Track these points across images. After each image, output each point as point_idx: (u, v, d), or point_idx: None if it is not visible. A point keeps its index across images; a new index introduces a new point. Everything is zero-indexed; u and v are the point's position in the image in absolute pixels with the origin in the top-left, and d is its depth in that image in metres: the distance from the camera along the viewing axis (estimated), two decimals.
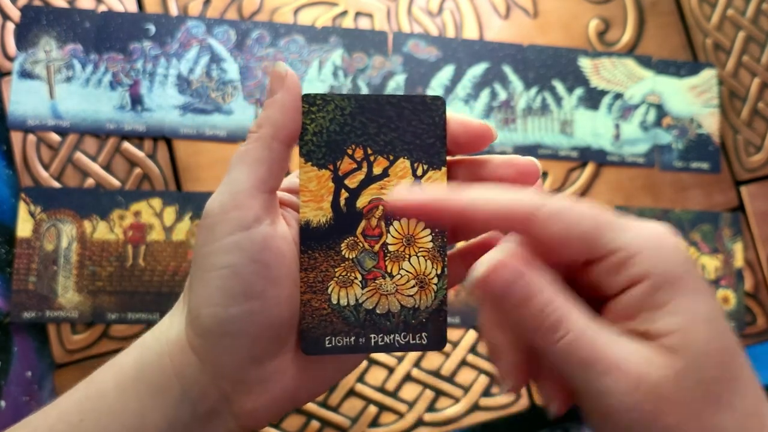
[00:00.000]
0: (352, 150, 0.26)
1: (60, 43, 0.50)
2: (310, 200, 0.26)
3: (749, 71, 0.57)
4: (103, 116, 0.50)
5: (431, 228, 0.26)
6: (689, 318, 0.20)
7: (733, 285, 0.54)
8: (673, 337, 0.20)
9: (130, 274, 0.48)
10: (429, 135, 0.26)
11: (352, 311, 0.26)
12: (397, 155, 0.26)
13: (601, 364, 0.20)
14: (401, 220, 0.26)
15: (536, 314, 0.21)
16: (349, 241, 0.26)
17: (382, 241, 0.26)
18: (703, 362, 0.20)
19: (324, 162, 0.26)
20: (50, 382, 0.48)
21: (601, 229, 0.21)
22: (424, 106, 0.26)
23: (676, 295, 0.20)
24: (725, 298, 0.53)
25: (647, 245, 0.20)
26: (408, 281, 0.26)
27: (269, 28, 0.52)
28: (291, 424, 0.49)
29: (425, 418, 0.50)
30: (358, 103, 0.26)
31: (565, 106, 0.54)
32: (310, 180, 0.26)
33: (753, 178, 0.56)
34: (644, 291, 0.20)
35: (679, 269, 0.20)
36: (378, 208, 0.26)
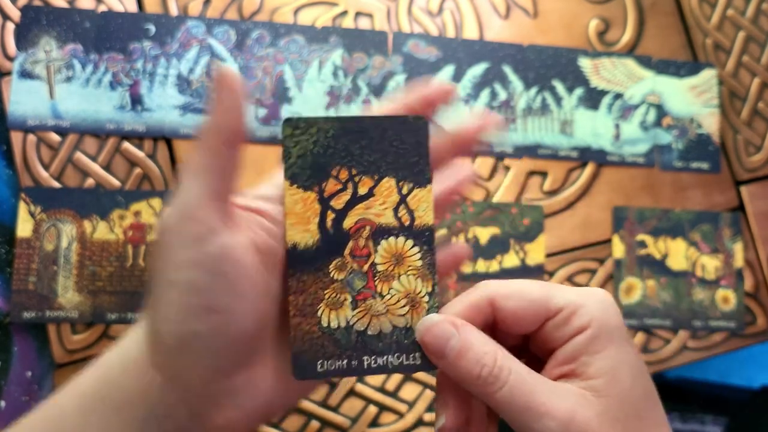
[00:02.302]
0: (336, 171, 0.26)
1: (60, 43, 0.50)
2: (297, 222, 0.25)
3: (749, 71, 0.57)
4: (103, 116, 0.50)
5: (419, 246, 0.26)
6: (616, 365, 0.23)
7: (733, 285, 0.54)
8: (601, 380, 0.23)
9: (130, 274, 0.48)
10: (413, 154, 0.26)
11: (343, 333, 0.25)
12: (382, 175, 0.26)
13: (537, 409, 0.23)
14: (389, 239, 0.26)
15: (474, 365, 0.23)
16: (337, 263, 0.26)
17: (370, 261, 0.26)
18: (624, 403, 0.23)
19: (309, 184, 0.25)
20: (50, 382, 0.48)
21: (549, 295, 0.25)
22: (406, 125, 0.26)
23: (609, 344, 0.24)
24: (725, 298, 0.53)
25: (589, 300, 0.24)
26: (398, 301, 0.26)
27: (269, 28, 0.52)
28: (291, 424, 0.49)
29: (425, 418, 0.50)
30: (341, 125, 0.26)
31: (565, 106, 0.54)
32: (296, 202, 0.25)
33: (753, 178, 0.56)
34: (585, 338, 0.24)
35: (614, 322, 0.24)
36: (365, 228, 0.26)
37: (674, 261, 0.53)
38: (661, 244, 0.53)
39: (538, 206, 0.53)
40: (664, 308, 0.53)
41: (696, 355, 0.53)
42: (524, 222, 0.52)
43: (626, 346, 0.24)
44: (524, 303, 0.25)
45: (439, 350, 0.24)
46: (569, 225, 0.54)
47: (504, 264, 0.52)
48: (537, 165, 0.54)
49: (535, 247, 0.52)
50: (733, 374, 0.92)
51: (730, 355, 0.54)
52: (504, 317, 0.25)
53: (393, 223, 0.26)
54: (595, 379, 0.23)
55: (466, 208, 0.52)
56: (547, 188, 0.54)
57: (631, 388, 0.23)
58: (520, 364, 0.24)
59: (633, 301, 0.52)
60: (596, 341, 0.24)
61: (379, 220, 0.26)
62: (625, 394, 0.23)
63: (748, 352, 0.45)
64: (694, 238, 0.54)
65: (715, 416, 0.82)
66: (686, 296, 0.53)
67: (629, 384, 0.23)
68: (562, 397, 0.23)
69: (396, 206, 0.26)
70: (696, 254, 0.54)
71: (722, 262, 0.54)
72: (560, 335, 0.24)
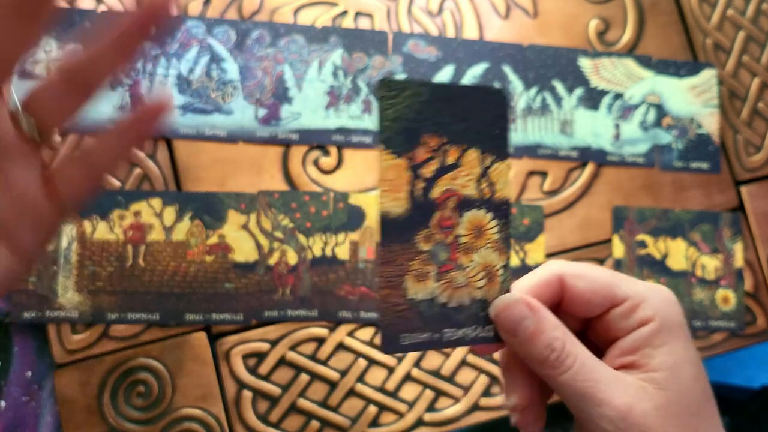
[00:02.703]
0: (427, 138, 0.25)
1: (60, 43, 0.50)
2: (389, 190, 0.25)
3: (749, 71, 0.57)
4: (103, 116, 0.50)
5: (497, 219, 0.26)
6: (679, 360, 0.24)
7: (733, 285, 0.54)
8: (663, 373, 0.24)
9: (130, 274, 0.48)
10: (495, 126, 0.26)
11: (428, 306, 0.26)
12: (469, 145, 0.26)
13: (597, 396, 0.23)
14: (472, 211, 0.26)
15: (543, 348, 0.24)
16: (425, 233, 0.25)
17: (455, 232, 0.26)
18: (684, 399, 0.24)
19: (401, 150, 0.25)
20: (50, 382, 0.48)
21: (617, 282, 0.25)
22: (489, 96, 0.26)
23: (672, 339, 0.24)
24: (725, 298, 0.53)
25: (654, 295, 0.25)
26: (477, 273, 0.26)
27: (269, 28, 0.52)
28: (291, 424, 0.49)
29: (425, 418, 0.50)
30: (433, 91, 0.25)
31: (565, 106, 0.54)
32: (389, 169, 0.25)
33: (753, 178, 0.56)
34: (649, 331, 0.24)
35: (677, 319, 0.25)
36: (451, 198, 0.26)
37: (674, 261, 0.53)
38: (661, 244, 0.53)
39: (538, 206, 0.53)
40: None
41: None
42: (524, 222, 0.52)
43: (688, 344, 0.25)
44: (593, 285, 0.25)
45: (512, 329, 0.25)
46: (569, 225, 0.54)
47: None
48: (537, 165, 0.54)
49: (535, 247, 0.52)
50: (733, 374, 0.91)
51: (730, 355, 0.54)
52: (572, 297, 0.26)
53: (476, 194, 0.26)
54: (657, 372, 0.24)
55: None
56: (547, 188, 0.54)
57: (691, 386, 0.24)
58: (586, 351, 0.25)
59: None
60: (659, 335, 0.24)
61: (464, 191, 0.26)
62: (685, 390, 0.24)
63: (748, 352, 0.45)
64: (694, 238, 0.54)
65: None
66: (686, 296, 0.53)
67: (690, 381, 0.24)
68: (622, 388, 0.23)
69: (479, 178, 0.26)
70: (696, 254, 0.54)
71: (722, 262, 0.54)
72: (624, 325, 0.25)
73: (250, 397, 0.49)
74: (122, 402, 0.48)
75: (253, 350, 0.49)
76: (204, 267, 0.49)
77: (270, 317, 0.49)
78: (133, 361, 0.48)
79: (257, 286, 0.49)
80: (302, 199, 0.50)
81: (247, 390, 0.49)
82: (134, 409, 0.48)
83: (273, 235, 0.50)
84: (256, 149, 0.51)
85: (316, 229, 0.50)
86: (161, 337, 0.48)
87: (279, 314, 0.49)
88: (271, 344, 0.49)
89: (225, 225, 0.49)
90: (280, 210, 0.50)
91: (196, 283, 0.49)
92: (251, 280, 0.49)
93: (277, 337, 0.49)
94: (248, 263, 0.49)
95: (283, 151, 0.51)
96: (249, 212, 0.50)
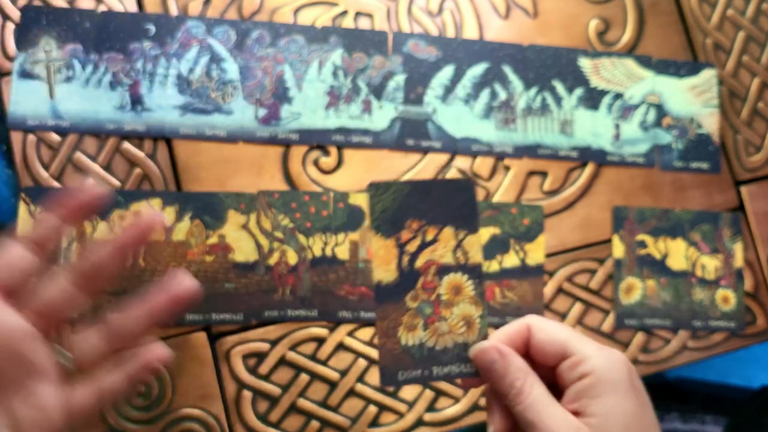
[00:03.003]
0: (409, 223, 0.33)
1: (60, 43, 0.50)
2: (380, 264, 0.32)
3: (749, 71, 0.57)
4: (103, 116, 0.50)
5: (472, 279, 0.33)
6: (610, 411, 0.29)
7: (733, 285, 0.54)
8: (594, 420, 0.29)
9: (130, 274, 0.48)
10: (464, 209, 0.33)
11: (418, 349, 0.33)
12: (444, 224, 0.33)
13: (539, 426, 0.29)
14: (450, 275, 0.33)
15: (507, 386, 0.30)
16: (411, 294, 0.33)
17: (436, 292, 0.33)
18: None
19: (389, 233, 0.32)
20: None
21: (571, 339, 0.31)
22: (459, 186, 0.33)
23: (607, 393, 0.29)
24: (725, 298, 0.53)
25: (599, 354, 0.30)
26: (458, 322, 0.33)
27: (269, 28, 0.52)
28: (291, 424, 0.49)
29: (425, 418, 0.50)
30: (412, 186, 0.33)
31: (565, 106, 0.54)
32: (380, 248, 0.32)
33: (753, 178, 0.56)
34: (587, 383, 0.29)
35: (616, 376, 0.29)
36: (432, 266, 0.33)
37: (674, 261, 0.53)
38: (661, 244, 0.53)
39: (538, 206, 0.53)
40: (664, 308, 0.53)
41: (696, 355, 0.53)
42: (524, 222, 0.52)
43: (626, 399, 0.29)
44: (551, 338, 0.31)
45: (486, 369, 0.32)
46: (569, 225, 0.54)
47: (504, 264, 0.52)
48: (537, 165, 0.54)
49: (535, 247, 0.52)
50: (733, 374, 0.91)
51: (730, 355, 0.54)
52: (533, 345, 0.32)
53: (452, 262, 0.33)
54: (591, 417, 0.29)
55: None
56: (547, 188, 0.54)
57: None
58: (543, 390, 0.30)
59: (633, 301, 0.52)
60: (595, 388, 0.29)
61: (442, 260, 0.33)
62: None
63: (748, 352, 0.45)
64: (694, 238, 0.54)
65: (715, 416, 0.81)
66: (686, 296, 0.53)
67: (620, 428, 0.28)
68: (563, 425, 0.29)
69: (454, 249, 0.33)
70: (696, 254, 0.54)
71: (722, 262, 0.54)
72: (569, 376, 0.30)
73: (250, 397, 0.49)
74: (122, 402, 0.48)
75: (253, 350, 0.49)
76: (204, 267, 0.49)
77: (270, 317, 0.49)
78: None
79: (257, 286, 0.49)
80: (302, 199, 0.50)
81: (247, 390, 0.49)
82: (134, 409, 0.48)
83: (273, 235, 0.50)
84: (256, 149, 0.51)
85: (316, 229, 0.50)
86: (161, 337, 0.48)
87: (279, 314, 0.49)
88: (271, 344, 0.49)
89: (225, 225, 0.49)
90: (280, 210, 0.50)
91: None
92: (251, 280, 0.49)
93: (277, 337, 0.49)
94: (248, 263, 0.49)
95: (283, 151, 0.51)
96: (249, 212, 0.50)
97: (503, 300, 0.51)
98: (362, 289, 0.50)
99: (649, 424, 0.30)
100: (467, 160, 0.53)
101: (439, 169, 0.53)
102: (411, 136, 0.52)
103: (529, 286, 0.52)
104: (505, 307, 0.51)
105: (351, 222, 0.51)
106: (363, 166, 0.52)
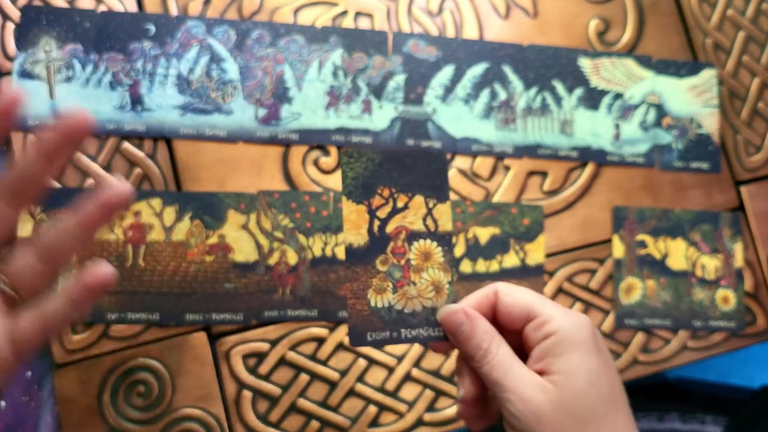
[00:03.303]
0: (381, 190, 0.34)
1: (60, 43, 0.50)
2: (351, 228, 0.33)
3: (749, 71, 0.57)
4: (103, 116, 0.50)
5: (441, 246, 0.34)
6: (574, 368, 0.30)
7: (733, 285, 0.54)
8: (558, 377, 0.30)
9: (130, 274, 0.48)
10: (435, 178, 0.34)
11: (386, 312, 0.34)
12: (414, 193, 0.34)
13: (505, 384, 0.30)
14: (419, 241, 0.34)
15: (473, 347, 0.31)
16: (381, 258, 0.34)
17: (406, 257, 0.34)
18: (576, 400, 0.29)
19: (360, 199, 0.34)
20: (50, 381, 0.48)
21: (536, 302, 0.32)
22: (431, 157, 0.35)
23: (571, 351, 0.30)
24: (725, 298, 0.53)
25: (563, 317, 0.31)
26: (427, 287, 0.34)
27: (269, 28, 0.52)
28: (291, 424, 0.49)
29: (425, 418, 0.50)
30: (384, 156, 0.34)
31: (565, 106, 0.54)
32: (351, 213, 0.33)
33: (753, 178, 0.56)
34: (551, 342, 0.30)
35: (579, 336, 0.30)
36: (402, 232, 0.34)
37: (674, 261, 0.53)
38: (661, 244, 0.53)
39: (538, 206, 0.53)
40: (664, 308, 0.53)
41: (696, 355, 0.53)
42: (524, 222, 0.52)
43: (590, 356, 0.30)
44: (516, 301, 0.32)
45: (453, 331, 0.33)
46: (569, 225, 0.54)
47: (504, 264, 0.52)
48: (537, 165, 0.54)
49: (535, 247, 0.52)
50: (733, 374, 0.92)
51: (730, 355, 0.54)
52: (500, 309, 0.33)
53: (422, 229, 0.34)
54: (555, 375, 0.30)
55: (466, 208, 0.52)
56: (547, 188, 0.54)
57: (586, 389, 0.29)
58: (508, 351, 0.31)
59: (633, 301, 0.52)
60: (558, 347, 0.30)
61: (412, 227, 0.34)
62: (579, 392, 0.29)
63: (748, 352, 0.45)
64: (694, 238, 0.54)
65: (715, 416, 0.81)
66: (686, 296, 0.53)
67: (584, 385, 0.29)
68: (527, 383, 0.30)
69: (424, 217, 0.34)
70: (696, 254, 0.54)
71: (722, 262, 0.54)
72: (533, 337, 0.31)
73: (250, 397, 0.49)
74: (122, 402, 0.48)
75: (253, 350, 0.49)
76: (204, 267, 0.49)
77: (270, 317, 0.49)
78: (133, 361, 0.48)
79: (257, 286, 0.49)
80: (302, 199, 0.50)
81: (247, 390, 0.49)
82: (134, 409, 0.48)
83: (273, 235, 0.50)
84: (256, 149, 0.51)
85: (316, 229, 0.50)
86: (161, 337, 0.48)
87: (279, 314, 0.49)
88: (271, 344, 0.49)
89: (225, 225, 0.49)
90: (280, 210, 0.50)
91: (196, 283, 0.49)
92: (251, 280, 0.49)
93: (277, 337, 0.49)
94: (248, 263, 0.49)
95: (283, 151, 0.51)
96: (249, 212, 0.50)
97: None
98: None
99: (612, 380, 0.30)
100: (467, 160, 0.53)
101: None
102: (411, 136, 0.52)
103: (529, 286, 0.52)
104: None
105: None
106: None
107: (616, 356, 0.53)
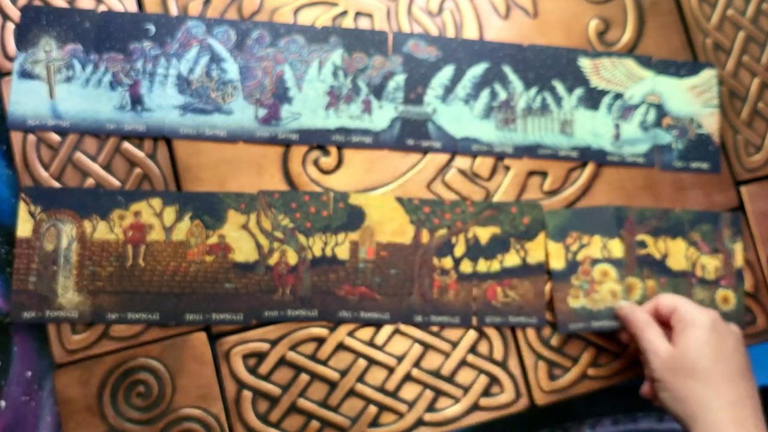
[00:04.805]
0: (572, 233, 0.53)
1: (60, 43, 0.50)
2: (554, 258, 0.52)
3: (749, 71, 0.57)
4: (103, 116, 0.50)
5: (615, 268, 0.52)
6: (687, 338, 0.45)
7: (733, 285, 0.54)
8: (680, 345, 0.45)
9: (130, 274, 0.48)
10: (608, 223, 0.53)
11: (581, 310, 0.52)
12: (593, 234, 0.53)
13: (648, 347, 0.46)
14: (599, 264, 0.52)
15: (634, 328, 0.48)
16: (575, 276, 0.52)
17: (591, 275, 0.52)
18: (683, 360, 0.44)
19: (559, 239, 0.53)
20: (50, 382, 0.48)
21: (679, 302, 0.47)
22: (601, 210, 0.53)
23: (689, 329, 0.45)
24: (725, 298, 0.53)
25: (690, 309, 0.46)
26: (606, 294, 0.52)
27: (269, 28, 0.52)
28: (291, 424, 0.49)
29: (425, 418, 0.50)
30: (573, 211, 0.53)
31: (565, 106, 0.54)
32: (554, 249, 0.52)
33: (753, 178, 0.56)
34: (680, 325, 0.46)
35: (697, 321, 0.45)
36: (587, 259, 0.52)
37: (674, 261, 0.53)
38: (661, 244, 0.53)
39: (537, 204, 0.53)
40: None
41: None
42: (524, 221, 0.52)
43: (702, 332, 0.44)
44: (666, 302, 0.48)
45: (623, 318, 0.50)
46: None
47: (505, 263, 0.52)
48: (537, 165, 0.54)
49: (535, 246, 0.52)
50: None
51: None
52: (658, 308, 0.48)
53: (600, 257, 0.52)
54: (677, 343, 0.45)
55: (466, 208, 0.52)
56: (547, 188, 0.54)
57: (692, 350, 0.44)
58: (655, 329, 0.47)
59: (633, 302, 0.52)
60: (682, 323, 0.45)
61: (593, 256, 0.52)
62: (686, 351, 0.44)
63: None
64: (694, 238, 0.54)
65: None
66: (686, 296, 0.53)
67: (691, 348, 0.44)
68: (660, 346, 0.45)
69: (601, 248, 0.52)
70: (696, 254, 0.54)
71: (722, 262, 0.54)
72: (673, 323, 0.46)
73: (250, 397, 0.49)
74: (122, 402, 0.48)
75: (253, 350, 0.49)
76: (204, 267, 0.49)
77: (270, 317, 0.49)
78: (133, 361, 0.48)
79: (257, 286, 0.49)
80: (302, 199, 0.50)
81: (247, 390, 0.49)
82: (134, 409, 0.48)
83: (273, 235, 0.50)
84: (256, 149, 0.51)
85: (316, 229, 0.50)
86: (161, 337, 0.48)
87: (279, 314, 0.49)
88: (271, 344, 0.49)
89: (225, 225, 0.49)
90: (280, 210, 0.50)
91: (196, 283, 0.49)
92: (251, 280, 0.49)
93: (277, 337, 0.49)
94: (248, 263, 0.49)
95: (283, 151, 0.51)
96: (249, 212, 0.50)
97: (505, 299, 0.51)
98: (362, 289, 0.50)
99: (721, 349, 0.44)
100: (467, 160, 0.53)
101: (439, 169, 0.53)
102: (411, 136, 0.52)
103: (530, 284, 0.52)
104: (507, 307, 0.51)
105: (351, 222, 0.51)
106: (363, 166, 0.52)
107: (615, 355, 0.53)
